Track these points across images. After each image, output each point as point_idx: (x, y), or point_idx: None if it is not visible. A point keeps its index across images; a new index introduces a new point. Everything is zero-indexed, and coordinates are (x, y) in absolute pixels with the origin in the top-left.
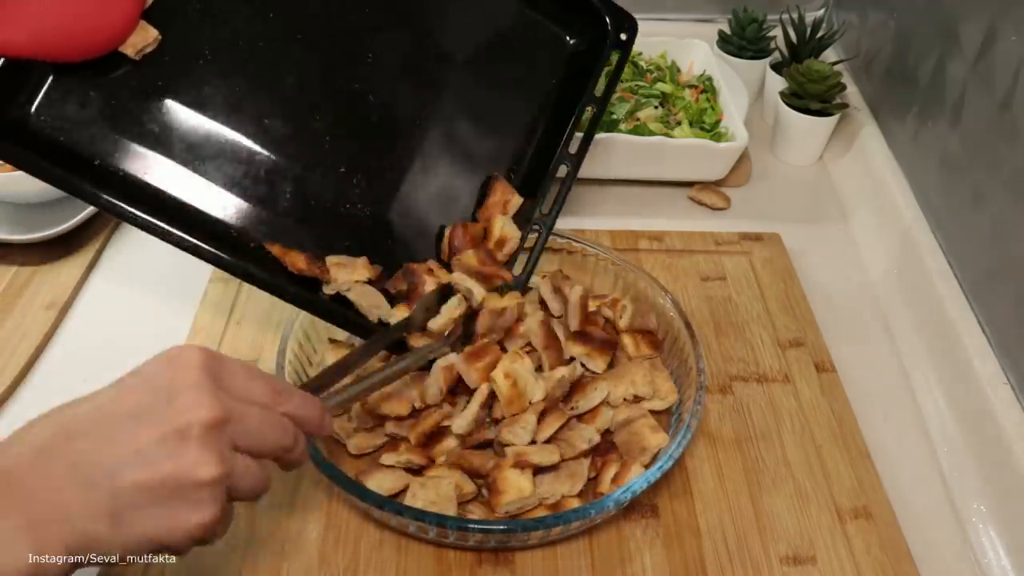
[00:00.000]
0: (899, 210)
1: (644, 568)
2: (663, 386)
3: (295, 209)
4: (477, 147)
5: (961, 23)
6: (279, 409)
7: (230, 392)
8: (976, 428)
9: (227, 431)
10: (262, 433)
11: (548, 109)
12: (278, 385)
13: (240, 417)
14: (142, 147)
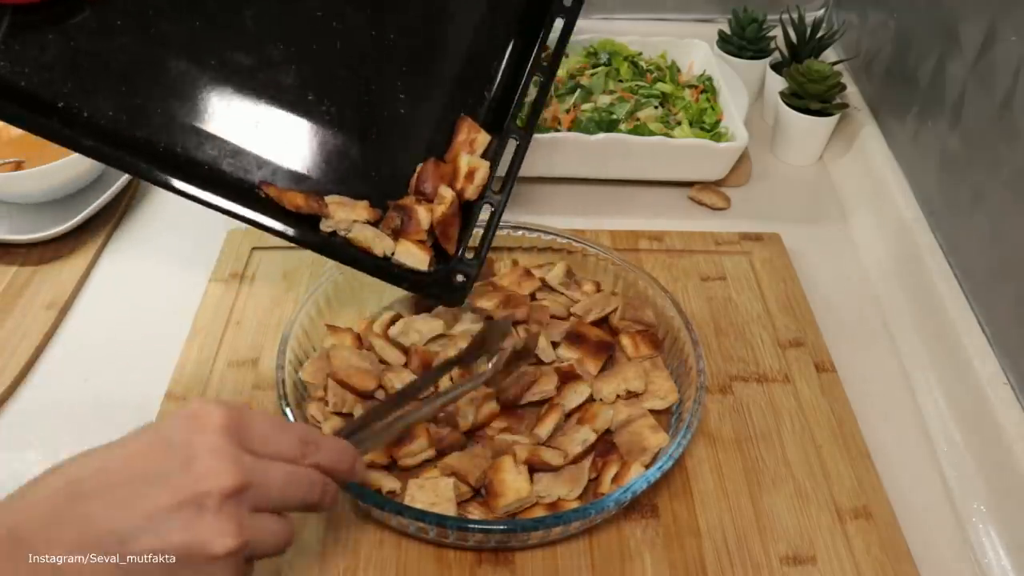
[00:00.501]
0: (899, 210)
1: (644, 568)
2: (663, 386)
3: (263, 139)
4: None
5: (961, 23)
6: (307, 461)
7: (254, 450)
8: (976, 428)
9: (248, 496)
10: (287, 492)
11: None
12: (307, 435)
13: (263, 480)
14: (104, 88)
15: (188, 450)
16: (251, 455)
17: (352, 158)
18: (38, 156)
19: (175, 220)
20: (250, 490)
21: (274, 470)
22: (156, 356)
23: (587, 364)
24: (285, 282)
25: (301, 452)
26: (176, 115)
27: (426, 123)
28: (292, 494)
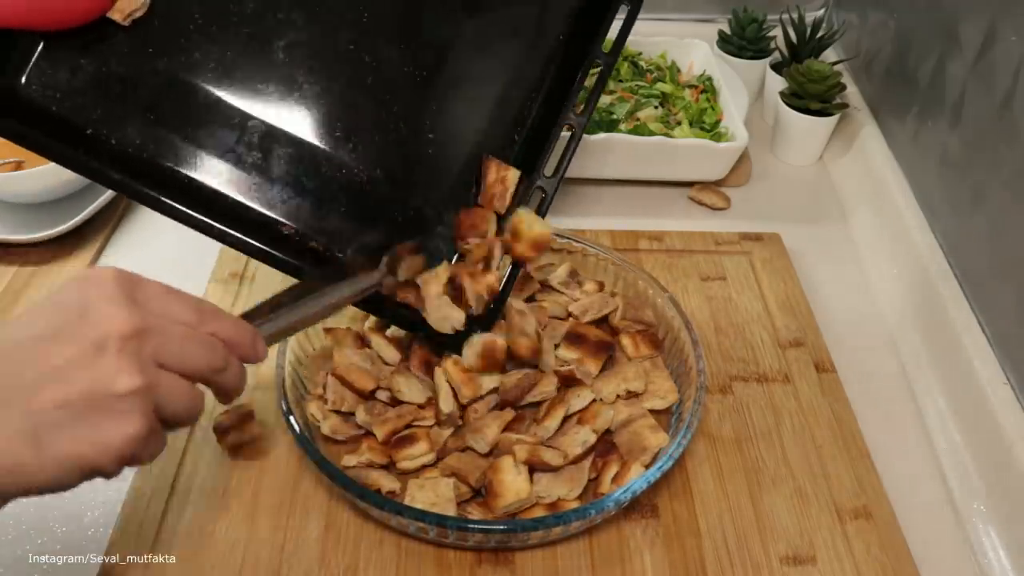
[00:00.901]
0: (899, 210)
1: (644, 568)
2: (663, 385)
3: (289, 175)
4: (476, 111)
5: (961, 23)
6: (204, 329)
7: (149, 309)
8: (976, 428)
9: (147, 344)
10: (186, 349)
11: (552, 67)
12: (204, 305)
13: (160, 331)
14: (133, 115)
15: (83, 304)
16: (146, 310)
17: (376, 197)
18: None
19: None
20: (148, 337)
21: (172, 325)
22: None
23: (588, 364)
24: (285, 282)
25: (198, 319)
26: (203, 145)
27: (454, 164)
28: (193, 352)
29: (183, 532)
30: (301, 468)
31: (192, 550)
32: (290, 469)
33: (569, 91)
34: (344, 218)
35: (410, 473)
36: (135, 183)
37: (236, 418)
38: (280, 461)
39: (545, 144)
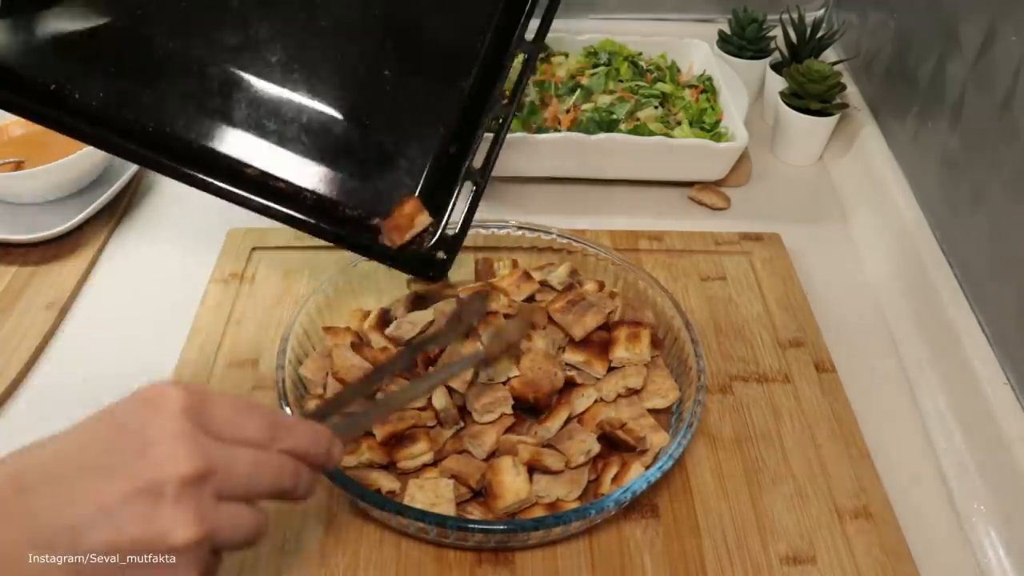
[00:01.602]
0: (899, 210)
1: (644, 568)
2: (663, 384)
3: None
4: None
5: (961, 23)
6: (278, 447)
7: (218, 434)
8: (976, 428)
9: (210, 483)
10: (254, 479)
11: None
12: (276, 419)
13: (227, 465)
14: (93, 69)
15: (144, 435)
16: (214, 439)
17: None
18: (38, 156)
19: (175, 220)
20: (213, 476)
21: (240, 455)
22: (156, 356)
23: (595, 366)
24: (285, 282)
25: (270, 436)
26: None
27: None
28: (261, 481)
29: None
30: None
31: None
32: None
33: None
34: (306, 158)
35: (410, 473)
36: (106, 133)
37: None
38: None
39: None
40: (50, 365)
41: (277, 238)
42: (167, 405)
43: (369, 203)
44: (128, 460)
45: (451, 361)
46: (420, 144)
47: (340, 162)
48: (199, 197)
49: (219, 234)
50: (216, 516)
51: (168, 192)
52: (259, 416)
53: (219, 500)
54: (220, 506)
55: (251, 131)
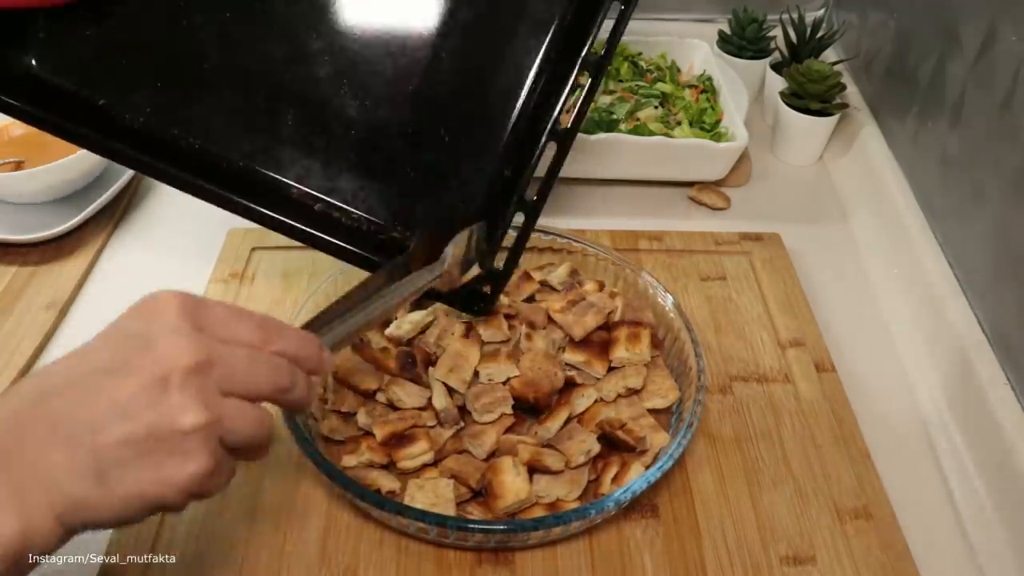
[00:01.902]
0: (899, 210)
1: (644, 568)
2: (663, 384)
3: (297, 135)
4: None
5: (961, 23)
6: (270, 348)
7: (214, 335)
8: (976, 428)
9: (212, 375)
10: (252, 374)
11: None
12: (268, 323)
13: (225, 359)
14: (142, 83)
15: (146, 336)
16: (211, 337)
17: (387, 153)
18: (38, 156)
19: (175, 220)
20: (213, 368)
21: (236, 351)
22: None
23: (595, 366)
24: (285, 282)
25: (262, 338)
26: (211, 110)
27: (465, 117)
28: (259, 376)
29: (183, 532)
30: (301, 468)
31: (192, 550)
32: (290, 469)
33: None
34: (354, 175)
35: (410, 473)
36: (147, 157)
37: None
38: (280, 461)
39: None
40: None
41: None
42: (165, 308)
43: (415, 223)
44: (135, 359)
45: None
46: (474, 164)
47: (391, 182)
48: None
49: (219, 234)
50: (220, 405)
51: (168, 192)
52: (251, 319)
53: (223, 394)
54: (225, 398)
55: (296, 149)
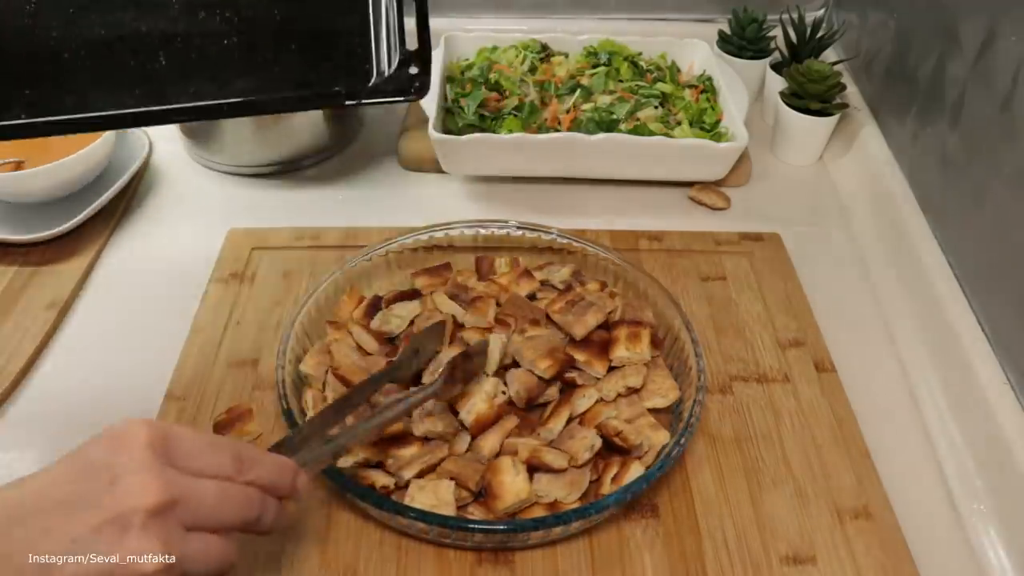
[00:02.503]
0: (899, 210)
1: (644, 568)
2: (664, 384)
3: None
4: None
5: (961, 23)
6: (243, 478)
7: (183, 468)
8: (976, 428)
9: (176, 514)
10: (220, 508)
11: None
12: (241, 452)
13: (192, 496)
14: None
15: (111, 470)
16: (179, 472)
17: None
18: (38, 156)
19: (175, 220)
20: (178, 506)
21: (205, 486)
22: (156, 356)
23: (595, 366)
24: (285, 282)
25: (235, 469)
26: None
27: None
28: (227, 510)
29: None
30: None
31: None
32: None
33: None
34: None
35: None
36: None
37: (235, 417)
38: None
39: None
40: (50, 365)
41: (277, 238)
42: (133, 440)
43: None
44: (97, 494)
45: (404, 395)
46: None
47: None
48: (199, 197)
49: (219, 234)
50: (184, 544)
51: (168, 192)
52: (224, 449)
53: (187, 530)
54: (188, 536)
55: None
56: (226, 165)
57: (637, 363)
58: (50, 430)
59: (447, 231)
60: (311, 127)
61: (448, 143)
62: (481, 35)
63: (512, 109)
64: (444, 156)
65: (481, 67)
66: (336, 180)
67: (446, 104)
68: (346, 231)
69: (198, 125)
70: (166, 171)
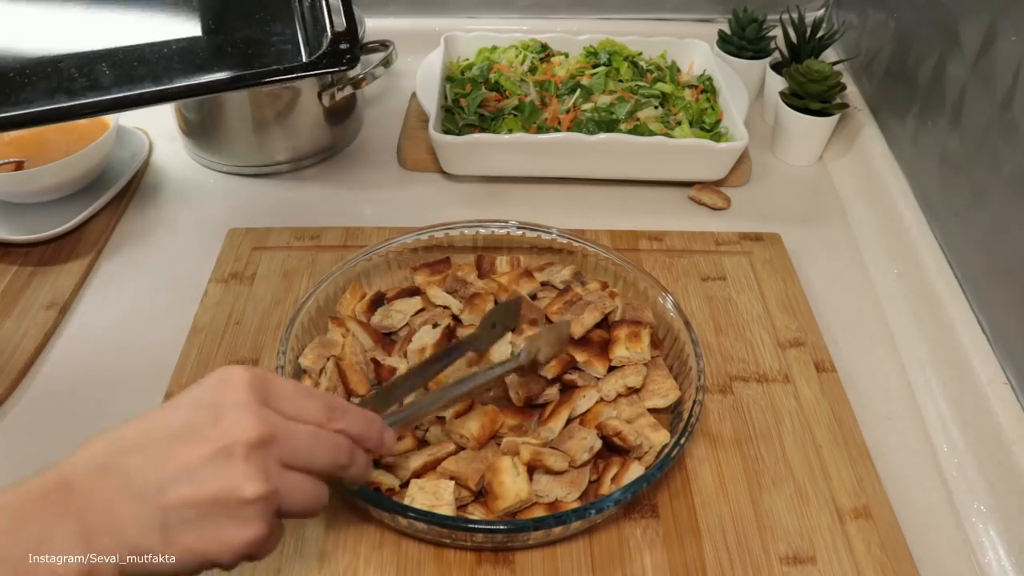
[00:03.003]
0: (899, 210)
1: (644, 568)
2: (664, 384)
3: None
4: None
5: (961, 23)
6: (333, 426)
7: (279, 411)
8: (976, 428)
9: (274, 449)
10: (313, 451)
11: None
12: (332, 402)
13: (288, 435)
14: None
15: (217, 408)
16: (276, 413)
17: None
18: (38, 156)
19: (175, 220)
20: (275, 443)
21: (300, 428)
22: (156, 356)
23: (595, 365)
24: (285, 282)
25: (327, 416)
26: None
27: None
28: (319, 453)
29: None
30: None
31: None
32: None
33: None
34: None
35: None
36: None
37: None
38: None
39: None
40: (50, 365)
41: (277, 238)
42: (236, 382)
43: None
44: (204, 428)
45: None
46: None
47: (217, 66)
48: (199, 197)
49: (219, 234)
50: (280, 478)
51: (168, 192)
52: (316, 398)
53: (283, 466)
54: (285, 471)
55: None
56: (226, 165)
57: (637, 363)
58: (50, 430)
59: (447, 231)
60: (311, 127)
61: (448, 143)
62: (481, 35)
63: (512, 109)
64: (444, 156)
65: (481, 67)
66: (336, 180)
67: (446, 104)
68: (346, 231)
69: (198, 125)
70: (166, 171)
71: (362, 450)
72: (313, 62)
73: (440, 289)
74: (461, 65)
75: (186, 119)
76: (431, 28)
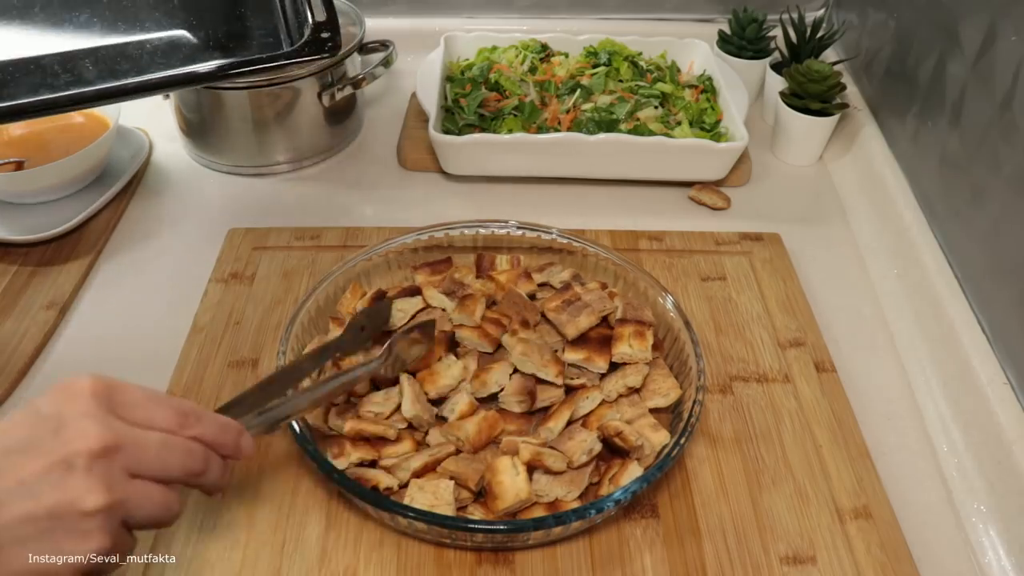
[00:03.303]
0: (899, 210)
1: (644, 568)
2: (664, 384)
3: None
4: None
5: (961, 23)
6: (186, 433)
7: (128, 419)
8: (976, 428)
9: (119, 458)
10: (163, 459)
11: None
12: (186, 408)
13: (135, 443)
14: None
15: (58, 419)
16: (122, 421)
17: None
18: (38, 156)
19: (175, 220)
20: (121, 452)
21: (147, 435)
22: (156, 356)
23: (596, 361)
24: (285, 282)
25: (178, 423)
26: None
27: None
28: (170, 460)
29: (183, 532)
30: (301, 468)
31: (192, 550)
32: (290, 469)
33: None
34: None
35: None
36: None
37: None
38: (280, 461)
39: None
40: (50, 365)
41: (277, 238)
42: (78, 391)
43: None
44: (44, 440)
45: (350, 368)
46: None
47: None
48: (200, 197)
49: (219, 234)
50: (125, 488)
51: (168, 192)
52: (167, 404)
53: (130, 476)
54: (131, 481)
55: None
56: (226, 165)
57: (639, 361)
58: None
59: (447, 231)
60: (311, 127)
61: (448, 143)
62: (481, 35)
63: (512, 109)
64: (444, 156)
65: (481, 67)
66: (336, 180)
67: (446, 104)
68: (346, 231)
69: (198, 125)
70: (166, 171)
71: (218, 457)
72: (295, 51)
73: (436, 291)
74: (461, 65)
75: (186, 119)
76: (431, 28)
